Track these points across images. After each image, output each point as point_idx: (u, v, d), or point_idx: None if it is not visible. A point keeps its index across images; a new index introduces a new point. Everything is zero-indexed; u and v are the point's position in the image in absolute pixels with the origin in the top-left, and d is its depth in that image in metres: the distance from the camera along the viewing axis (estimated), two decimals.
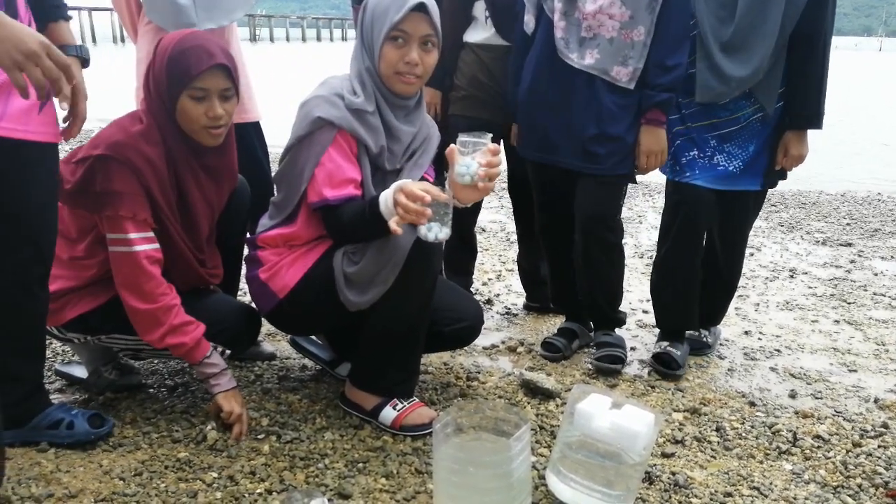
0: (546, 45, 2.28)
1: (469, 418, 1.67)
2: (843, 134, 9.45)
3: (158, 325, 1.83)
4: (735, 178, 2.30)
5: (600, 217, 2.33)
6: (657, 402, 2.20)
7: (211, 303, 2.00)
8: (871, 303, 3.21)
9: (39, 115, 1.61)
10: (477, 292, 3.16)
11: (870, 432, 2.05)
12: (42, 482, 1.67)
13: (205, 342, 1.89)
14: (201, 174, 1.93)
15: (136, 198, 1.78)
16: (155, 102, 1.84)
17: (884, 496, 1.75)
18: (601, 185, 2.31)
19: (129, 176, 1.77)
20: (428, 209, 1.62)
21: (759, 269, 3.66)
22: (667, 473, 1.80)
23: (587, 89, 2.24)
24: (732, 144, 2.29)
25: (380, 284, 1.82)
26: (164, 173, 1.84)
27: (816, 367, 2.52)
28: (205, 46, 1.80)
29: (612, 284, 2.46)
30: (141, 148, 1.80)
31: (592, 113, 2.24)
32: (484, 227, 4.30)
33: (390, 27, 1.80)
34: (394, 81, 1.87)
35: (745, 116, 2.26)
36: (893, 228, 4.59)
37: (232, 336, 2.01)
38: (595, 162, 2.28)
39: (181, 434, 1.90)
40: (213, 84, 1.81)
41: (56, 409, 1.85)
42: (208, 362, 1.89)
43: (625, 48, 2.19)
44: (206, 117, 1.82)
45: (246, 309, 2.07)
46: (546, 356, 2.50)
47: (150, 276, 1.81)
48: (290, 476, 1.74)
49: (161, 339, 1.84)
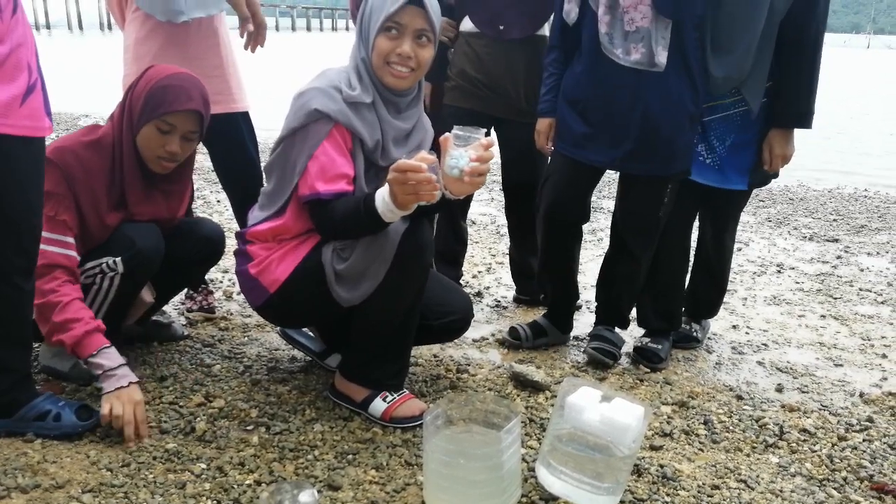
0: (591, 39, 2.17)
1: (459, 410, 1.67)
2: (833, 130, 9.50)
3: (44, 322, 1.85)
4: (722, 176, 2.30)
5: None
6: (646, 395, 2.22)
7: (121, 228, 1.99)
8: (857, 298, 3.24)
9: (21, 109, 1.57)
10: (467, 285, 3.16)
11: (855, 426, 2.07)
12: (28, 472, 1.66)
13: (91, 340, 1.82)
14: (150, 190, 2.05)
15: (61, 200, 1.88)
16: (126, 118, 1.97)
17: (868, 489, 1.77)
18: (649, 186, 2.26)
19: (60, 178, 1.87)
20: (431, 174, 1.61)
21: (746, 264, 3.68)
22: (655, 466, 1.81)
23: (635, 86, 2.13)
24: (712, 135, 2.27)
25: (370, 279, 1.81)
26: (101, 183, 1.94)
27: (803, 362, 2.54)
28: (187, 89, 1.95)
29: (640, 283, 2.45)
30: (81, 154, 1.92)
31: (639, 111, 2.15)
32: (474, 219, 4.30)
33: (385, 18, 1.79)
34: (384, 73, 1.85)
35: (724, 107, 2.23)
36: (879, 225, 4.63)
37: (144, 258, 1.97)
38: (644, 162, 2.20)
39: (170, 425, 1.88)
40: (182, 125, 1.97)
41: (43, 399, 1.83)
42: (93, 361, 1.83)
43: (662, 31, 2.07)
44: (163, 149, 1.97)
45: (156, 231, 2.04)
46: (506, 340, 2.52)
47: (45, 277, 1.84)
48: (280, 467, 1.74)
49: (48, 335, 1.86)
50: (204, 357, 2.32)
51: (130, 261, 1.96)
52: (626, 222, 2.35)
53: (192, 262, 2.24)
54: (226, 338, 2.49)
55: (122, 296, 2.01)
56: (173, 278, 2.25)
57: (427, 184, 1.61)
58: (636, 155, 2.19)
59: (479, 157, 1.66)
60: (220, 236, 2.27)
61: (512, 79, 2.59)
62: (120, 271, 1.95)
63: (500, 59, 2.58)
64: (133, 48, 2.41)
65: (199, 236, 2.20)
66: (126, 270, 1.96)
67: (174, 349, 2.33)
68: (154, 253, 2.01)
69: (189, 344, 2.41)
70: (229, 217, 3.94)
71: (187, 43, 2.39)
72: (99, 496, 1.60)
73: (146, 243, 1.98)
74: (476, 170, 1.66)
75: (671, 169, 2.22)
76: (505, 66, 2.58)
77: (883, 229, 4.52)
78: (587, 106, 2.22)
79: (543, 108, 2.36)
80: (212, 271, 3.00)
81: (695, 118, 2.20)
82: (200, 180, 4.95)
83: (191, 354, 2.33)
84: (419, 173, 1.60)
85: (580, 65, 2.23)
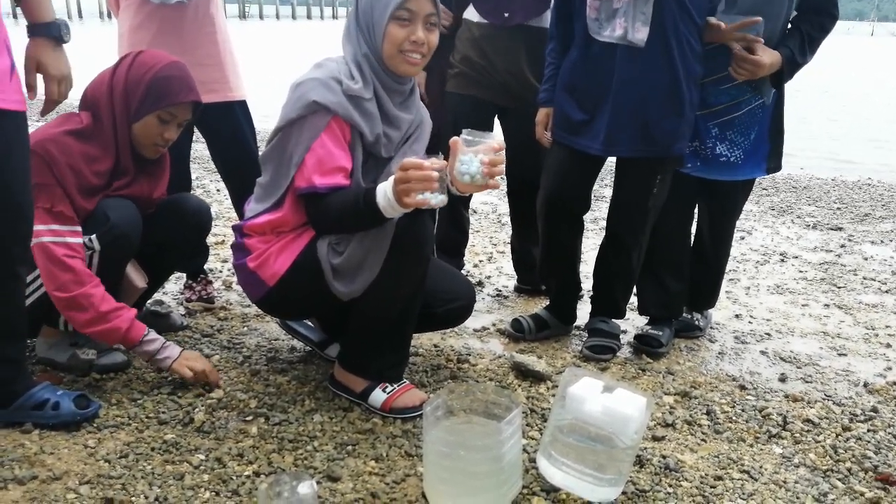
0: (583, 27, 2.15)
1: (460, 401, 1.65)
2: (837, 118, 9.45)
3: (82, 311, 1.85)
4: (737, 167, 2.28)
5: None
6: (648, 385, 2.20)
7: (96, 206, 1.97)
8: (861, 287, 3.22)
9: (11, 83, 1.59)
10: (468, 274, 3.14)
11: (859, 416, 2.06)
12: (26, 464, 1.65)
13: (138, 323, 1.92)
14: (136, 174, 2.05)
15: (51, 189, 1.85)
16: (118, 106, 1.95)
17: (873, 480, 1.76)
18: (637, 174, 2.24)
19: (45, 168, 1.84)
20: (435, 173, 1.60)
21: (749, 253, 3.66)
22: (657, 457, 1.80)
23: (619, 64, 2.09)
24: (735, 132, 2.25)
25: (367, 271, 1.80)
26: (87, 170, 1.91)
27: (806, 351, 2.52)
28: (188, 81, 2.00)
29: (635, 274, 2.43)
30: (64, 142, 1.88)
31: (623, 91, 2.11)
32: (475, 208, 4.28)
33: (396, 6, 1.76)
34: (398, 62, 1.82)
35: (747, 102, 2.22)
36: (883, 213, 4.60)
37: (120, 233, 1.95)
38: (628, 143, 2.17)
39: (168, 416, 1.87)
40: (182, 114, 2.01)
41: (41, 389, 1.82)
42: (148, 340, 1.92)
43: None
44: (161, 137, 2.00)
45: (130, 205, 2.02)
46: (509, 332, 2.50)
47: (67, 269, 1.84)
48: (279, 458, 1.72)
49: (86, 326, 1.87)
50: (203, 347, 2.30)
51: (105, 236, 1.92)
52: (616, 211, 2.34)
53: (181, 239, 2.22)
54: (225, 328, 2.47)
55: (105, 276, 1.95)
56: (164, 259, 2.24)
57: (426, 180, 1.60)
58: (620, 136, 2.16)
59: (490, 160, 1.66)
60: (206, 208, 2.26)
61: (517, 67, 2.57)
62: (97, 249, 1.92)
63: (505, 47, 2.55)
64: (128, 36, 2.38)
65: (183, 211, 2.19)
66: (102, 246, 1.92)
67: (173, 339, 2.32)
68: (128, 226, 1.96)
69: (188, 334, 2.40)
70: (228, 206, 3.92)
71: (183, 30, 2.36)
72: (96, 488, 1.58)
73: (119, 216, 1.94)
74: (489, 172, 1.67)
75: (657, 151, 2.17)
76: (510, 54, 2.56)
77: (887, 218, 4.49)
78: (583, 93, 2.21)
79: (542, 98, 2.36)
80: (211, 261, 2.98)
81: (679, 96, 2.12)
82: (200, 169, 4.93)
83: (189, 345, 2.32)
84: (420, 170, 1.59)
85: (575, 52, 2.22)
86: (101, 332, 1.89)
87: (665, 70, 2.09)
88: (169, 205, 2.18)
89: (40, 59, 1.74)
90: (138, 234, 2.00)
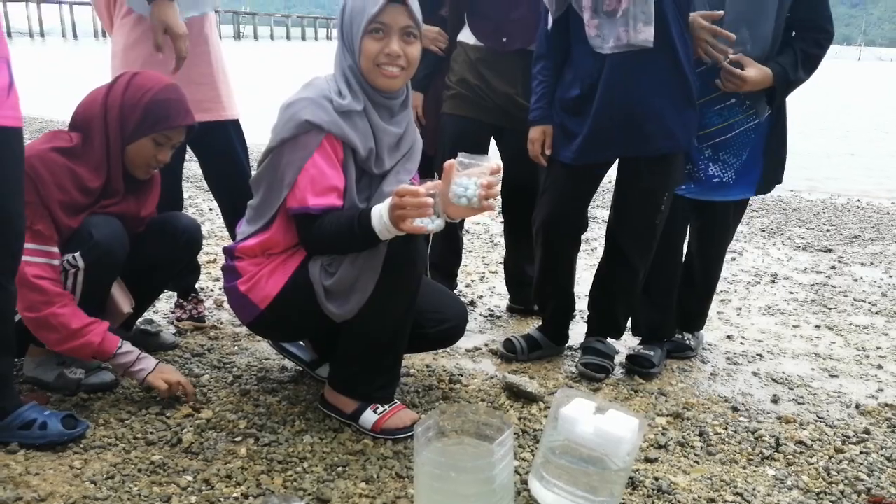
0: (579, 43, 2.14)
1: (451, 422, 1.64)
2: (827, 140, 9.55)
3: (52, 331, 1.85)
4: (729, 187, 2.30)
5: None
6: (640, 406, 2.19)
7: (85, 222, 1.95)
8: (852, 308, 3.23)
9: (8, 99, 1.58)
10: (460, 294, 3.13)
11: (852, 438, 2.05)
12: (10, 485, 1.62)
13: (111, 336, 1.91)
14: (126, 194, 2.05)
15: (33, 207, 1.83)
16: (112, 127, 1.95)
17: (866, 503, 1.75)
18: (646, 192, 2.22)
19: (29, 185, 1.81)
20: (430, 199, 1.60)
21: (741, 274, 3.67)
22: (650, 478, 1.79)
23: (619, 70, 2.08)
24: (727, 153, 2.27)
25: (359, 292, 1.79)
26: (74, 190, 1.90)
27: (798, 373, 2.52)
28: (185, 104, 2.02)
29: (637, 293, 2.42)
30: (51, 159, 1.88)
31: (624, 95, 2.11)
32: (468, 228, 4.28)
33: (369, 20, 1.77)
34: (375, 75, 1.82)
35: (739, 123, 2.24)
36: (873, 235, 4.63)
37: (103, 250, 1.92)
38: (632, 145, 2.15)
39: (156, 436, 1.85)
40: (177, 137, 2.04)
41: (28, 409, 1.80)
42: (122, 353, 1.91)
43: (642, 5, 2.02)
44: (155, 159, 2.03)
45: (115, 222, 1.99)
46: (501, 352, 2.49)
47: (34, 289, 1.82)
48: (268, 480, 1.70)
49: (58, 344, 1.87)
50: (193, 367, 2.28)
51: (89, 253, 1.90)
52: (624, 230, 2.31)
53: (172, 258, 2.20)
54: (215, 347, 2.46)
55: (90, 294, 1.93)
56: (155, 277, 2.22)
57: (421, 206, 1.60)
58: (624, 140, 2.14)
59: (487, 182, 1.64)
60: (196, 227, 2.25)
61: (514, 89, 2.57)
62: (81, 266, 1.90)
63: (503, 70, 2.56)
64: (122, 54, 2.38)
65: (174, 229, 2.18)
66: (86, 264, 1.90)
67: (162, 358, 2.29)
68: (113, 243, 1.94)
69: (178, 353, 2.38)
70: (221, 225, 3.91)
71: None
72: None
73: (103, 233, 1.92)
74: (486, 194, 1.64)
75: (661, 149, 2.15)
76: (508, 77, 2.57)
77: (876, 239, 4.52)
78: (582, 107, 2.18)
79: (535, 116, 2.30)
80: (202, 280, 2.96)
81: (688, 87, 2.12)
82: (192, 188, 4.92)
83: (179, 364, 2.30)
84: (415, 197, 1.60)
85: (570, 71, 2.21)
86: (74, 349, 1.88)
87: (672, 65, 2.08)
88: (159, 223, 2.17)
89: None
90: (124, 251, 1.99)
